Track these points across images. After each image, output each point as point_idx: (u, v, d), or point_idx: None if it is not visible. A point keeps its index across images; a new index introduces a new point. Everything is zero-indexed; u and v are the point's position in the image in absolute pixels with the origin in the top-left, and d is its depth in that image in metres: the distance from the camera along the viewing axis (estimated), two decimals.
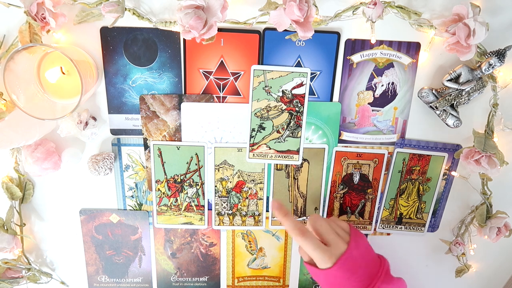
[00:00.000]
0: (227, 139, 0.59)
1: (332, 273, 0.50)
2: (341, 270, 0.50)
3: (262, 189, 0.62)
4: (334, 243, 0.51)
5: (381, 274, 0.51)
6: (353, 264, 0.50)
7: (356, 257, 0.51)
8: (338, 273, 0.50)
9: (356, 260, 0.51)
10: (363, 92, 0.58)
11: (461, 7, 0.49)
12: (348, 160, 0.61)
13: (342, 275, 0.50)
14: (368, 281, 0.50)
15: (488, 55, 0.52)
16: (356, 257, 0.51)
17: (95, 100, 0.56)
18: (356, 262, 0.51)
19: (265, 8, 0.47)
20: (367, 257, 0.53)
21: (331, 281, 0.51)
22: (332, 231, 0.52)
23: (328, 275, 0.51)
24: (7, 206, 0.58)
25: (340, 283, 0.51)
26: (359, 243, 0.53)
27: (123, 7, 0.48)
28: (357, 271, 0.50)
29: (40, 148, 0.54)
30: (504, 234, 0.60)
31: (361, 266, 0.51)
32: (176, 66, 0.55)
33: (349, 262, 0.50)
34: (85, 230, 0.63)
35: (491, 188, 0.61)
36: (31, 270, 0.61)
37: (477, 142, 0.56)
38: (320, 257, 0.50)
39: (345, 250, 0.50)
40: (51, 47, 0.46)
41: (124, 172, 0.60)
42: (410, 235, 0.66)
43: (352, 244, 0.51)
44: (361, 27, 0.54)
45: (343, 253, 0.50)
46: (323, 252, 0.50)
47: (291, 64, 0.56)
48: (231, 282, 0.68)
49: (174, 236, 0.64)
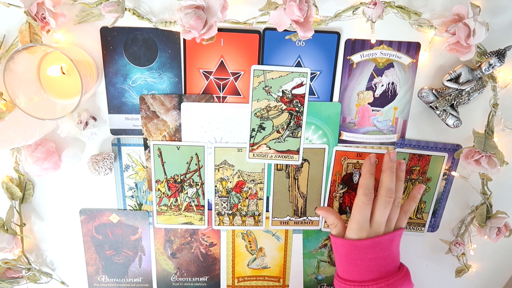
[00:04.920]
0: (227, 139, 0.59)
1: (359, 244, 0.54)
2: (370, 245, 0.54)
3: (262, 189, 0.62)
4: (379, 224, 0.55)
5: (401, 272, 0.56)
6: (383, 246, 0.55)
7: (388, 242, 0.55)
8: (365, 247, 0.54)
9: (387, 247, 0.55)
10: (363, 92, 0.58)
11: (461, 7, 0.49)
12: (348, 160, 0.61)
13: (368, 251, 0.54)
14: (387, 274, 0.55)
15: (488, 55, 0.52)
16: (388, 243, 0.55)
17: (95, 100, 0.56)
18: (386, 249, 0.55)
19: (265, 8, 0.47)
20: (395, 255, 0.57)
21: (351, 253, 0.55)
22: (386, 212, 0.55)
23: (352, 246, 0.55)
24: (7, 206, 0.58)
25: (360, 257, 0.55)
26: (394, 240, 0.56)
27: (123, 7, 0.48)
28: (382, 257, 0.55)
29: (40, 148, 0.54)
30: (504, 234, 0.60)
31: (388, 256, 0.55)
32: (176, 66, 0.55)
33: (381, 243, 0.54)
34: (85, 230, 0.63)
35: (491, 188, 0.61)
36: (31, 270, 0.61)
37: (477, 142, 0.56)
38: (360, 223, 0.55)
39: (383, 233, 0.55)
40: (51, 47, 0.46)
41: (124, 172, 0.60)
42: (410, 235, 0.66)
43: (391, 234, 0.55)
44: (361, 27, 0.54)
45: (381, 235, 0.55)
46: (366, 222, 0.55)
47: (291, 64, 0.56)
48: (231, 282, 0.68)
49: (174, 236, 0.64)
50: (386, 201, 0.55)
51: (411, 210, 0.59)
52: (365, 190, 0.55)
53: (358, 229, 0.55)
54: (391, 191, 0.55)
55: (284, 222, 0.64)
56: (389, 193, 0.55)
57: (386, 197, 0.55)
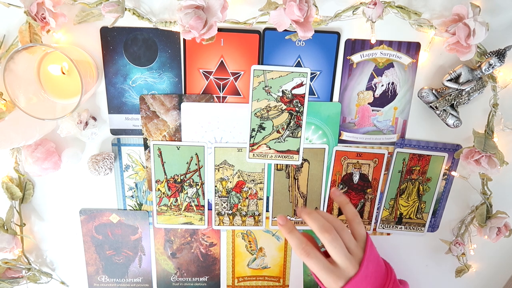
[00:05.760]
0: (227, 139, 0.59)
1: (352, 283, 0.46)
2: None
3: (262, 189, 0.62)
4: (344, 267, 0.46)
5: (389, 285, 0.49)
6: (359, 286, 0.46)
7: (364, 277, 0.47)
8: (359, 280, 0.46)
9: (364, 279, 0.47)
10: (363, 92, 0.58)
11: (461, 7, 0.49)
12: (348, 160, 0.61)
13: None
14: None
15: (488, 55, 0.52)
16: (364, 276, 0.47)
17: (95, 100, 0.56)
18: (363, 282, 0.47)
19: (265, 8, 0.47)
20: (377, 272, 0.49)
21: None
22: (344, 253, 0.47)
23: None
24: (7, 206, 0.58)
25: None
26: (370, 259, 0.48)
27: (123, 7, 0.48)
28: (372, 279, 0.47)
29: (40, 148, 0.54)
30: (504, 234, 0.60)
31: (368, 284, 0.47)
32: (176, 66, 0.55)
33: (356, 285, 0.46)
34: (85, 230, 0.63)
35: (491, 188, 0.61)
36: (31, 270, 0.61)
37: (477, 142, 0.56)
38: (325, 279, 0.47)
39: (355, 273, 0.46)
40: (51, 47, 0.46)
41: (124, 172, 0.60)
42: (410, 235, 0.66)
43: (363, 265, 0.47)
44: (361, 27, 0.54)
45: (353, 277, 0.46)
46: (329, 274, 0.46)
47: (291, 64, 0.56)
48: (231, 282, 0.68)
49: (174, 236, 0.64)
50: (329, 239, 0.46)
51: (353, 213, 0.52)
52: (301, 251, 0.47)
53: (329, 283, 0.47)
54: (323, 227, 0.47)
55: None
56: (323, 230, 0.47)
57: (324, 235, 0.47)
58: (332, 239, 0.47)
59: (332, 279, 0.46)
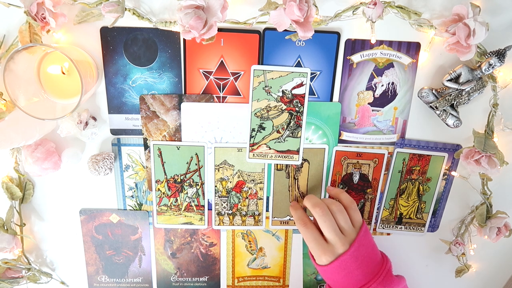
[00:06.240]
0: (227, 139, 0.59)
1: (326, 269, 0.50)
2: (335, 270, 0.49)
3: (262, 189, 0.62)
4: (334, 243, 0.50)
5: (380, 275, 0.51)
6: (349, 266, 0.49)
7: (354, 258, 0.50)
8: (332, 271, 0.50)
9: (354, 261, 0.50)
10: (363, 92, 0.58)
11: (461, 7, 0.49)
12: (348, 160, 0.61)
13: (336, 273, 0.50)
14: (364, 281, 0.50)
15: (488, 55, 0.52)
16: (355, 258, 0.50)
17: (95, 100, 0.56)
18: (353, 263, 0.50)
19: (265, 8, 0.47)
20: (370, 258, 0.51)
21: (325, 275, 0.52)
22: (334, 228, 0.50)
23: (322, 271, 0.51)
24: (7, 206, 0.58)
25: (333, 279, 0.51)
26: (363, 243, 0.51)
27: (123, 7, 0.48)
28: (352, 272, 0.50)
29: (40, 148, 0.54)
30: (504, 234, 0.60)
31: (359, 267, 0.50)
32: (176, 66, 0.55)
33: (345, 264, 0.49)
34: (85, 230, 0.63)
35: (491, 188, 0.61)
36: (31, 270, 0.61)
37: (477, 142, 0.56)
38: (315, 252, 0.51)
39: (343, 252, 0.49)
40: (51, 47, 0.46)
41: (124, 172, 0.60)
42: (410, 235, 0.66)
43: (354, 246, 0.50)
44: (361, 27, 0.54)
45: (341, 255, 0.49)
46: (319, 246, 0.50)
47: (291, 64, 0.56)
48: (231, 282, 0.68)
49: (174, 236, 0.64)
50: (319, 213, 0.51)
51: (349, 200, 0.54)
52: (299, 221, 0.53)
53: (319, 256, 0.51)
54: (316, 203, 0.52)
55: (284, 222, 0.64)
56: (315, 205, 0.51)
57: (315, 209, 0.51)
58: (323, 213, 0.51)
59: (322, 252, 0.50)
